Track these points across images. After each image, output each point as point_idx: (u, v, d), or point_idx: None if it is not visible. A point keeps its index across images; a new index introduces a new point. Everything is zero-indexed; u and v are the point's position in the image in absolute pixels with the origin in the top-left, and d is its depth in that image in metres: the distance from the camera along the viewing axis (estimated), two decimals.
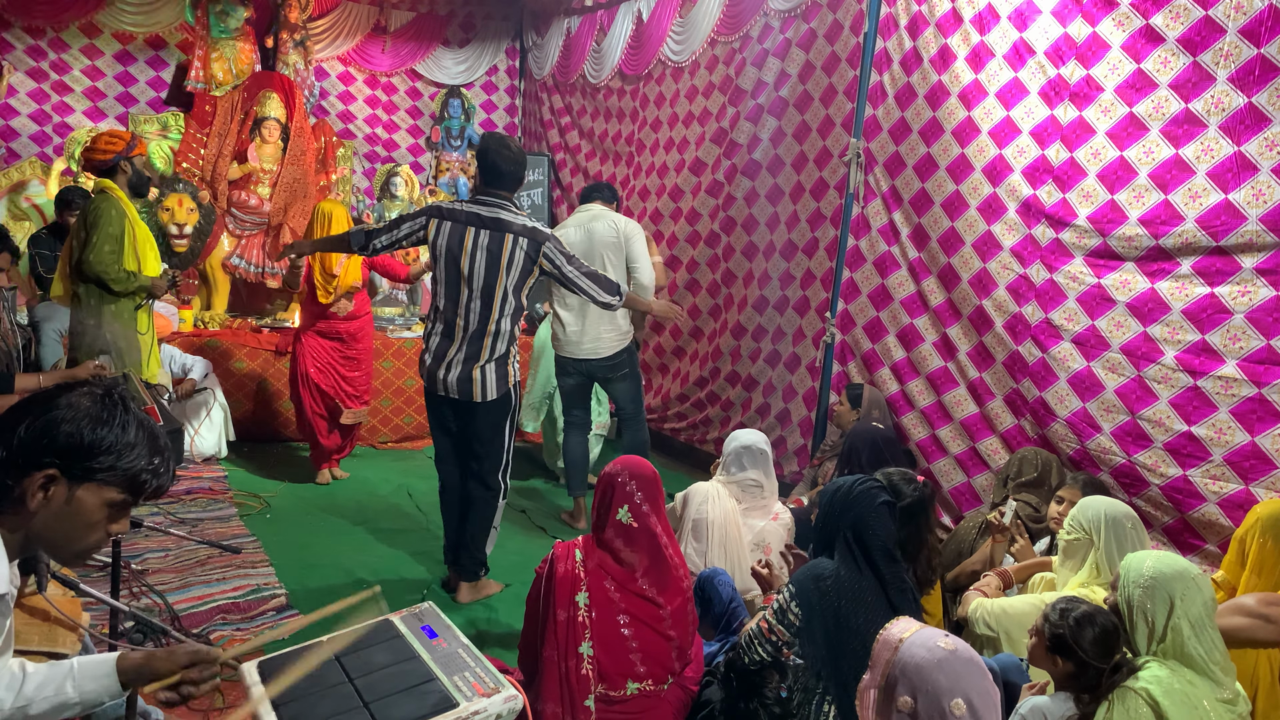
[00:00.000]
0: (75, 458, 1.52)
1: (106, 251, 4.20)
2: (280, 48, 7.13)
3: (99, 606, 3.05)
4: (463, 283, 3.69)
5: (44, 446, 1.51)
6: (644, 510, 2.68)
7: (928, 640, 1.91)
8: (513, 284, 3.69)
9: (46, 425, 1.51)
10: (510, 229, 3.66)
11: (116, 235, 4.22)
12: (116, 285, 4.24)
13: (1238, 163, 3.17)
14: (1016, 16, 3.90)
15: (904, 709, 1.86)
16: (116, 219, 4.23)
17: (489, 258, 3.65)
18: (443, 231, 3.70)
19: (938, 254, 4.30)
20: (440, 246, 3.71)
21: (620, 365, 4.82)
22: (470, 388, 3.74)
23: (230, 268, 6.67)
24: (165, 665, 1.65)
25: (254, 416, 6.00)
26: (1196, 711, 2.10)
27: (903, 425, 4.53)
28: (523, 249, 3.65)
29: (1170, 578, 2.20)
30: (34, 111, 7.01)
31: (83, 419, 1.53)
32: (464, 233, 3.67)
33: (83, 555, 1.63)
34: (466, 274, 3.68)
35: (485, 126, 8.62)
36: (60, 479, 1.52)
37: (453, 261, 3.69)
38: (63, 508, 1.53)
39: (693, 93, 6.15)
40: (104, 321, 4.29)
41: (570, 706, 2.55)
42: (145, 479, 1.59)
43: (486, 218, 3.67)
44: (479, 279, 3.67)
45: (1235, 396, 3.20)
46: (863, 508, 2.51)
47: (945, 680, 1.83)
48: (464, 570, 3.98)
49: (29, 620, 2.20)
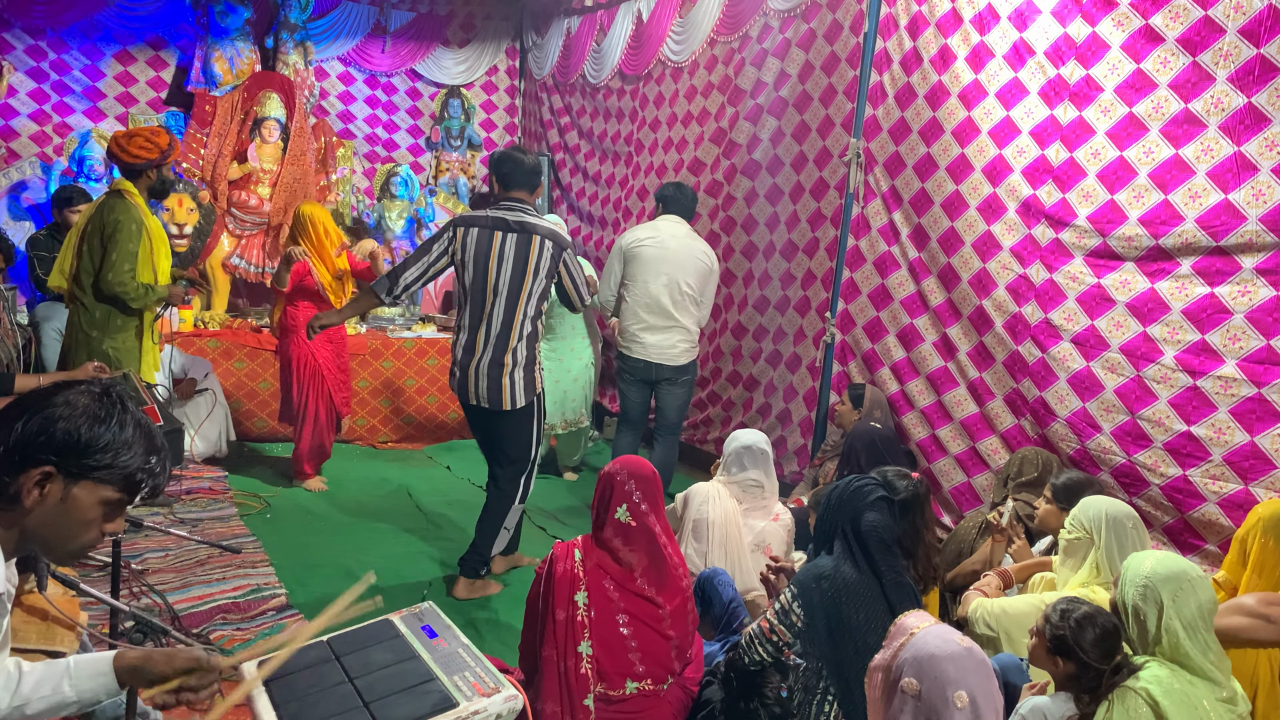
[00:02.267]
0: (72, 455, 1.52)
1: (125, 271, 4.06)
2: (280, 48, 7.13)
3: (99, 606, 3.05)
4: (489, 288, 3.80)
5: (41, 444, 1.51)
6: (643, 510, 2.68)
7: (944, 633, 1.96)
8: (539, 286, 3.82)
9: (44, 422, 1.51)
10: (537, 231, 3.79)
11: (135, 251, 4.07)
12: (134, 304, 4.14)
13: (1238, 163, 3.17)
14: (1016, 17, 3.90)
15: (908, 690, 1.90)
16: (136, 233, 4.08)
17: (516, 260, 3.77)
18: (470, 238, 3.80)
19: (938, 254, 4.30)
20: (469, 253, 3.80)
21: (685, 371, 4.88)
22: (500, 396, 3.85)
23: (230, 268, 6.68)
24: (164, 668, 1.64)
25: (254, 416, 6.00)
26: (1196, 711, 2.10)
27: (903, 425, 4.53)
28: (549, 251, 3.79)
29: (1164, 579, 2.20)
30: (34, 111, 7.01)
31: (80, 416, 1.53)
32: (491, 237, 3.78)
33: (77, 554, 1.63)
34: (494, 278, 3.79)
35: (485, 127, 8.62)
36: (56, 476, 1.52)
37: (481, 267, 3.79)
38: (58, 505, 1.53)
39: (692, 93, 6.15)
40: (109, 335, 4.17)
41: (570, 706, 2.55)
42: (141, 478, 1.59)
43: (512, 222, 3.79)
44: (505, 282, 3.79)
45: (1235, 396, 3.20)
46: (858, 503, 2.53)
47: (953, 671, 1.87)
48: (465, 565, 4.03)
49: (27, 619, 2.20)
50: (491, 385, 3.83)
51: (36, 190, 6.58)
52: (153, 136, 4.20)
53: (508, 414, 3.89)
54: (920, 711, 1.88)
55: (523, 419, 3.93)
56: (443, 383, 6.22)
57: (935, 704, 1.86)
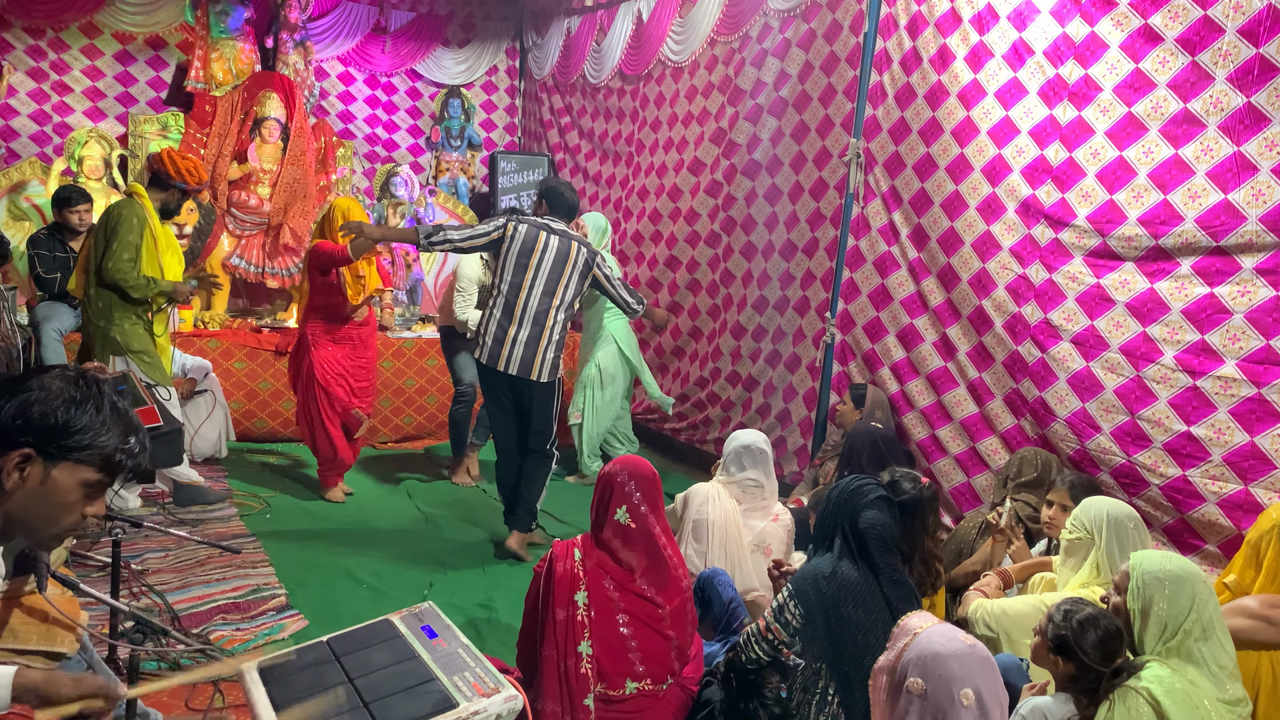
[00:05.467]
0: (49, 437, 1.54)
1: (125, 259, 4.32)
2: (280, 48, 7.12)
3: (99, 606, 3.05)
4: (529, 272, 4.30)
5: (18, 426, 1.52)
6: (642, 511, 2.68)
7: (948, 631, 1.97)
8: (574, 285, 4.37)
9: (20, 406, 1.53)
10: (574, 239, 4.40)
11: (135, 243, 4.33)
12: (135, 292, 4.36)
13: (1237, 163, 3.17)
14: (1015, 16, 3.90)
15: (914, 690, 1.90)
16: (137, 226, 4.35)
17: (557, 257, 4.33)
18: (519, 232, 4.33)
19: (937, 254, 4.30)
20: (516, 244, 4.31)
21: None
22: (530, 368, 4.34)
23: (230, 268, 6.67)
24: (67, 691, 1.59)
25: (254, 416, 6.00)
26: (1198, 711, 2.09)
27: (903, 425, 4.53)
28: (584, 257, 4.38)
29: (1192, 576, 2.20)
30: (34, 111, 7.01)
31: (55, 399, 1.55)
32: (538, 235, 4.33)
33: (61, 537, 1.65)
34: (535, 267, 4.31)
35: (485, 127, 8.62)
36: (36, 459, 1.54)
37: (525, 255, 4.31)
38: (38, 488, 1.55)
39: (692, 93, 6.15)
40: (114, 323, 4.39)
41: (569, 706, 2.55)
42: (120, 458, 1.61)
43: (556, 229, 4.39)
44: (545, 272, 4.31)
45: (1235, 397, 3.20)
46: (858, 501, 2.54)
47: (959, 670, 1.87)
48: (520, 522, 4.51)
49: (27, 619, 2.19)
50: (526, 355, 4.31)
51: (36, 190, 6.57)
52: (198, 168, 4.60)
53: (535, 384, 4.34)
54: (926, 711, 1.88)
55: (550, 392, 4.40)
56: (443, 382, 6.22)
57: (941, 703, 1.86)
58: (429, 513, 5.05)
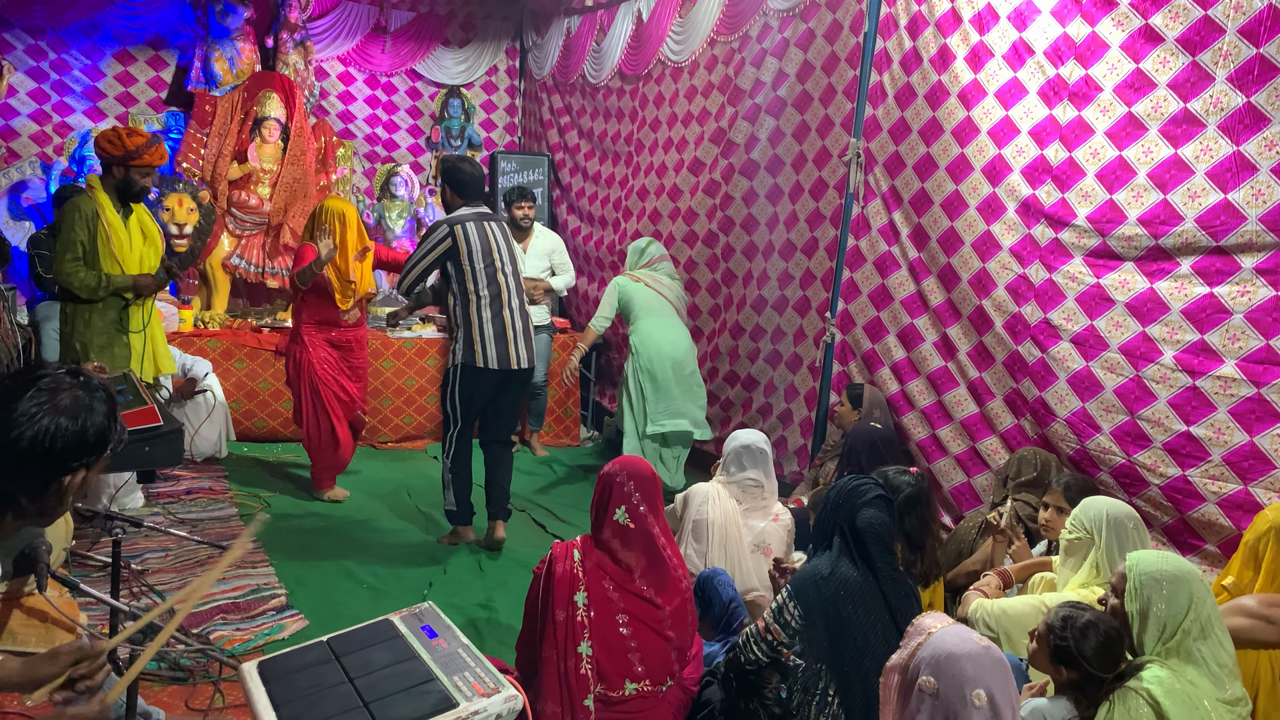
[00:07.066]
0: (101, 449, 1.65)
1: (66, 260, 4.11)
2: (280, 48, 7.12)
3: (99, 606, 3.05)
4: (498, 271, 4.33)
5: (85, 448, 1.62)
6: (641, 511, 2.68)
7: (962, 632, 1.97)
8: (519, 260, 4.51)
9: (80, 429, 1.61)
10: (499, 219, 4.46)
11: (76, 241, 4.10)
12: (82, 294, 4.15)
13: (1237, 162, 3.17)
14: (1016, 16, 3.90)
15: (926, 689, 1.90)
16: (80, 221, 4.11)
17: (506, 243, 4.39)
18: (468, 233, 4.28)
19: (937, 254, 4.30)
20: (473, 246, 4.28)
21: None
22: (534, 356, 4.49)
23: (230, 268, 6.68)
24: (49, 668, 1.62)
25: (254, 416, 6.00)
26: (1198, 712, 2.10)
27: (903, 425, 4.53)
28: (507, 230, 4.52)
29: (1189, 576, 2.21)
30: (34, 111, 7.01)
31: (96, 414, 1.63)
32: (484, 230, 4.32)
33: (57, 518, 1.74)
34: (500, 264, 4.34)
35: (485, 126, 8.62)
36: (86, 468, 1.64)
37: (487, 255, 4.31)
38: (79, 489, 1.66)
39: (692, 93, 6.15)
40: (75, 328, 4.22)
41: (569, 706, 2.55)
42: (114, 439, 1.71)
43: (487, 216, 4.37)
44: (508, 262, 4.37)
45: (1234, 396, 3.20)
46: (857, 501, 2.54)
47: (972, 670, 1.87)
48: (503, 511, 4.62)
49: (27, 620, 2.20)
50: (529, 344, 4.43)
51: (36, 190, 6.57)
52: (125, 135, 4.20)
53: (527, 373, 4.49)
54: (938, 710, 1.88)
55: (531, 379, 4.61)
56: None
57: (953, 703, 1.86)
58: (429, 513, 5.05)
